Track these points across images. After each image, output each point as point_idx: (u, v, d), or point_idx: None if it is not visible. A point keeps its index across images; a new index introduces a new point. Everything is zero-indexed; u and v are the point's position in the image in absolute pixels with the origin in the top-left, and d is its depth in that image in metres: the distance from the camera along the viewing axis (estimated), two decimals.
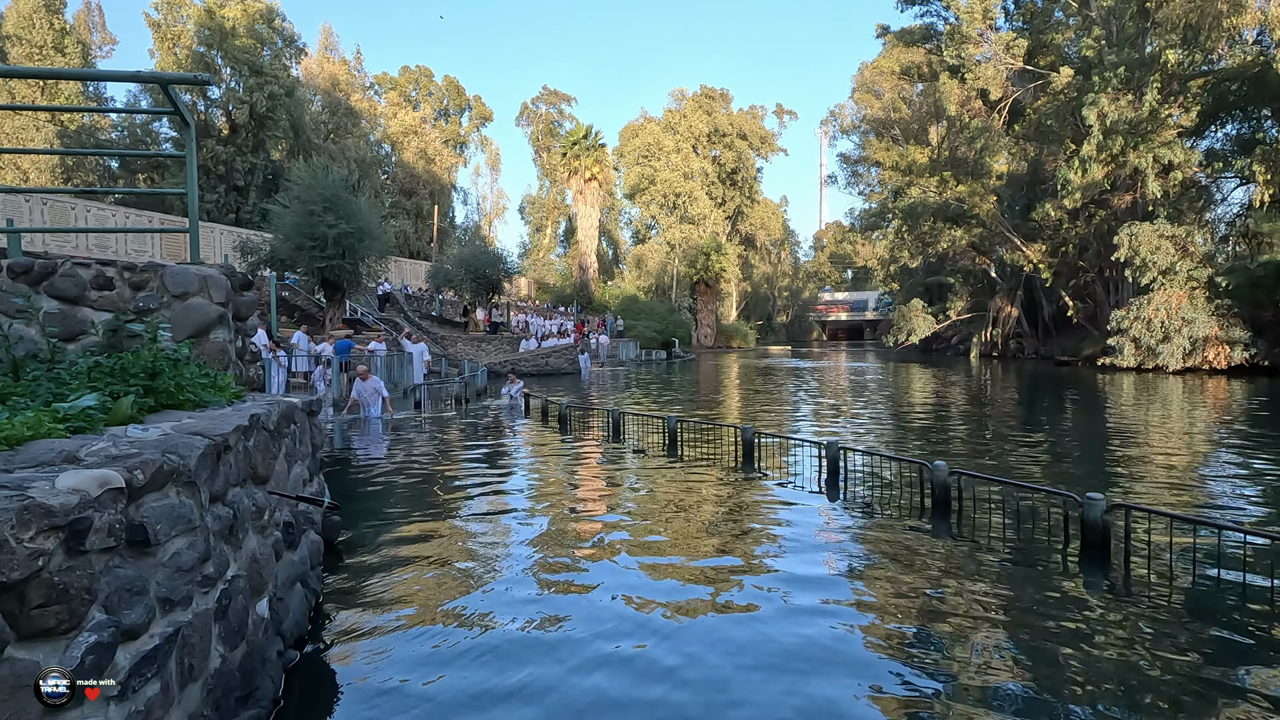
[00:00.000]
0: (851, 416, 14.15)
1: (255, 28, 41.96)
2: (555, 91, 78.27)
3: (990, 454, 9.57)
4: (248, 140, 41.85)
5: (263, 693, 2.89)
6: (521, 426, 12.53)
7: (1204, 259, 28.56)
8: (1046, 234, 36.79)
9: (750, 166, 71.29)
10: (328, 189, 21.03)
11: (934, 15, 42.33)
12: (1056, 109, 33.66)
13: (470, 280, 31.65)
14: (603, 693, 3.17)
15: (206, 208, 38.30)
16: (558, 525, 5.98)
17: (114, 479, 1.95)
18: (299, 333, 17.66)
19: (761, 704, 3.05)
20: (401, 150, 59.76)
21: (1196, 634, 3.79)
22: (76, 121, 38.84)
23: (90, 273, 4.49)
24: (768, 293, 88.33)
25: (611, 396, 18.90)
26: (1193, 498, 7.01)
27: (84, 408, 2.66)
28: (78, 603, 1.77)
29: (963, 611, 4.08)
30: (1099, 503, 4.94)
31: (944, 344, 51.56)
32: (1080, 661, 3.48)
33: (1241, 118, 29.96)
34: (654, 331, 48.02)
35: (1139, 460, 9.05)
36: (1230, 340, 26.10)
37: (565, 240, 76.68)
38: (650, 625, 3.88)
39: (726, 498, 6.93)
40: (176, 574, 2.23)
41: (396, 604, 4.20)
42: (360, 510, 6.50)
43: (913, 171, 41.16)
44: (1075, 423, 13.42)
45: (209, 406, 3.51)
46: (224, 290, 4.81)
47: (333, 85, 54.70)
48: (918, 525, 5.86)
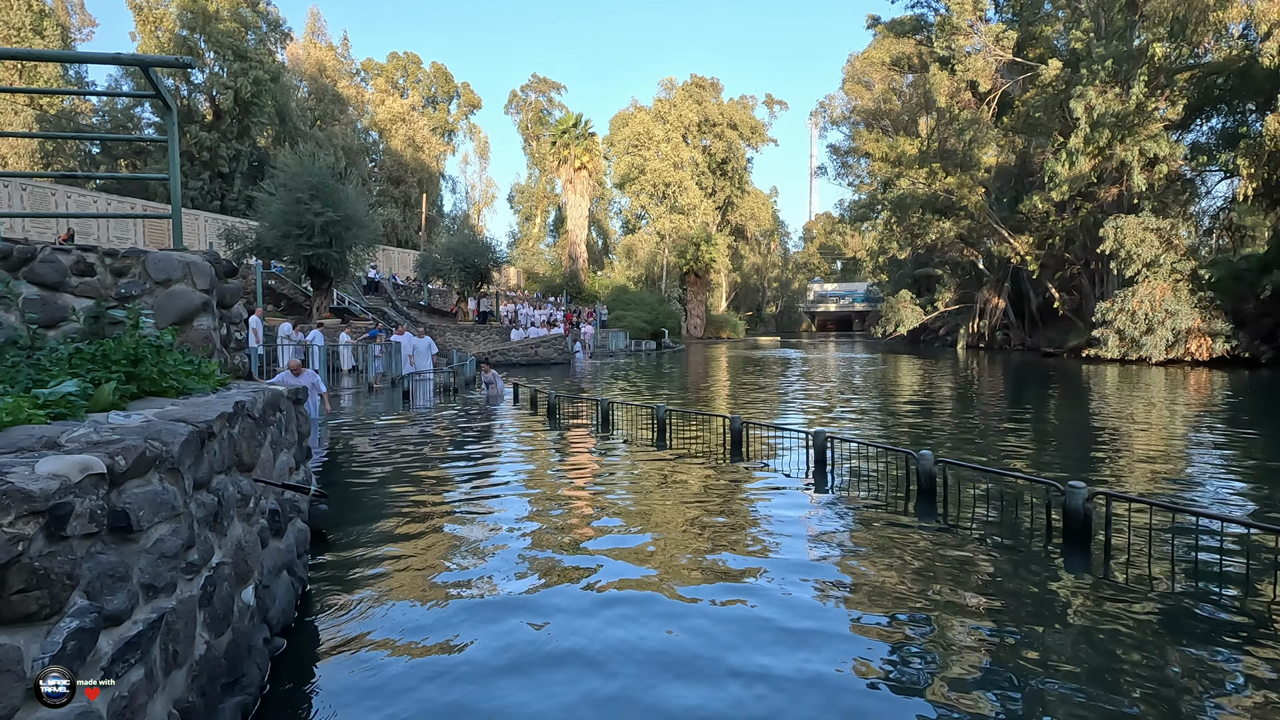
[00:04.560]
0: (840, 405, 14.23)
1: (240, 11, 41.28)
2: (545, 79, 77.68)
3: (976, 443, 9.66)
4: (232, 126, 41.27)
5: (249, 679, 2.88)
6: (507, 418, 12.51)
7: (1188, 252, 28.86)
8: (1034, 226, 37.02)
9: (740, 157, 71.14)
10: (314, 176, 20.79)
11: (924, 6, 42.32)
12: (1045, 101, 33.79)
13: (459, 270, 31.47)
14: (591, 682, 3.19)
15: (190, 194, 37.79)
16: (546, 514, 5.99)
17: (95, 465, 1.94)
18: (285, 324, 17.54)
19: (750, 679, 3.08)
20: (389, 138, 59.15)
21: (1174, 617, 3.86)
22: (56, 105, 38.13)
23: (71, 258, 4.43)
24: (757, 283, 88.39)
25: (601, 387, 18.90)
26: (1173, 485, 7.12)
27: (65, 394, 2.62)
28: (59, 588, 1.76)
29: (946, 597, 4.13)
30: (1081, 490, 5.01)
31: (932, 335, 51.89)
32: (1062, 644, 3.54)
33: (1226, 112, 30.21)
34: (643, 322, 47.96)
35: (1121, 449, 9.17)
36: (1212, 332, 26.44)
37: (555, 230, 76.36)
38: (638, 615, 3.90)
39: (714, 486, 6.97)
40: (160, 560, 2.21)
41: (384, 592, 4.20)
42: (348, 498, 6.48)
43: (902, 163, 41.21)
44: (1059, 413, 13.57)
45: (193, 394, 3.48)
46: (208, 277, 4.76)
47: (319, 71, 53.99)
48: (904, 513, 5.92)
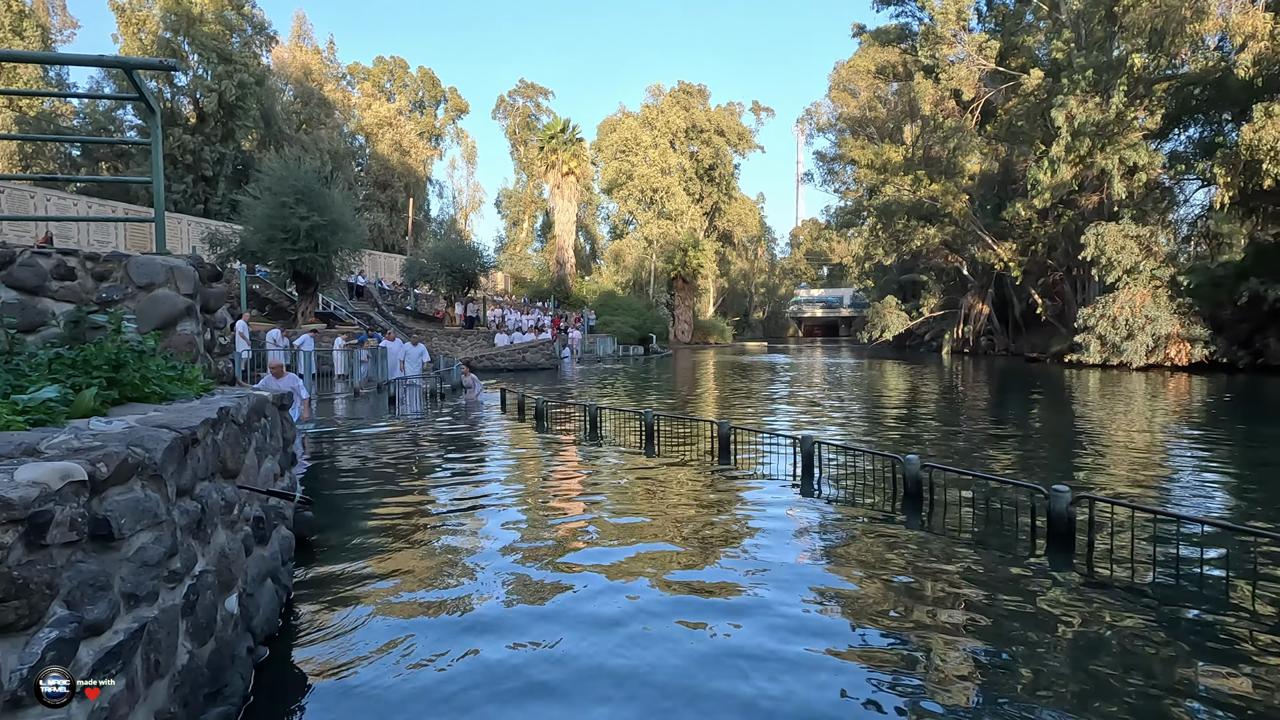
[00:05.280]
0: (827, 411, 14.30)
1: (224, 14, 41.00)
2: (532, 85, 77.72)
3: (961, 447, 9.74)
4: (216, 129, 40.92)
5: (232, 689, 2.84)
6: (495, 424, 12.45)
7: (1167, 259, 29.37)
8: (1017, 233, 37.51)
9: (728, 163, 71.55)
10: (300, 180, 20.65)
11: (909, 15, 42.88)
12: (1027, 110, 34.31)
13: (446, 274, 31.34)
14: (572, 687, 3.17)
15: (174, 198, 37.38)
16: (533, 522, 5.96)
17: (76, 472, 1.90)
18: (274, 330, 17.42)
19: (730, 688, 3.08)
20: (376, 142, 58.90)
21: (1155, 619, 3.91)
22: (36, 107, 37.60)
23: (51, 262, 4.36)
24: (744, 289, 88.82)
25: (589, 392, 18.87)
26: (1154, 489, 7.22)
27: (44, 400, 2.58)
28: (38, 598, 1.72)
29: (932, 599, 4.16)
30: (1065, 494, 5.07)
31: (917, 341, 52.35)
32: (1046, 645, 3.57)
33: (1204, 121, 30.82)
34: (631, 327, 48.00)
35: (1104, 453, 9.29)
36: (1191, 338, 26.88)
37: (542, 235, 76.25)
38: (625, 622, 3.89)
39: (702, 494, 6.97)
40: (142, 569, 2.18)
41: (369, 600, 4.16)
42: (333, 506, 6.41)
43: (887, 170, 41.65)
44: (1043, 418, 13.73)
45: (176, 399, 3.43)
46: (191, 281, 4.70)
47: (305, 75, 53.67)
48: (890, 517, 5.95)
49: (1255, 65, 23.66)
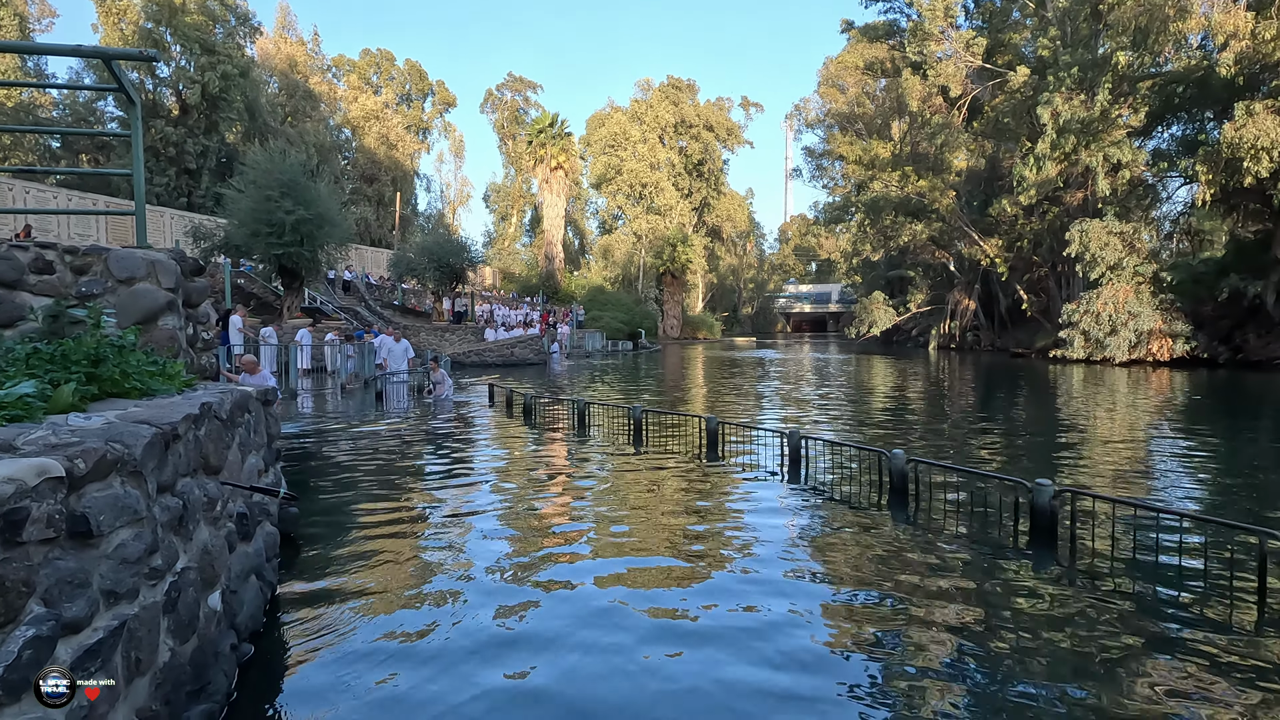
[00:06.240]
0: (815, 406, 14.37)
1: (207, 4, 40.41)
2: (521, 79, 77.25)
3: (946, 442, 9.83)
4: (200, 122, 40.38)
5: (215, 687, 2.82)
6: (483, 418, 12.40)
7: (1149, 255, 29.72)
8: (1003, 229, 37.79)
9: (716, 158, 71.46)
10: (285, 174, 20.43)
11: (897, 12, 43.01)
12: (1013, 107, 34.53)
13: (433, 269, 31.13)
14: (560, 688, 3.18)
15: (156, 191, 36.88)
16: (520, 517, 5.95)
17: (53, 468, 1.88)
18: (267, 328, 17.29)
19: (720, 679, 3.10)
20: (362, 135, 58.35)
21: (1135, 610, 3.96)
22: (14, 98, 36.89)
23: (29, 255, 4.30)
24: (733, 284, 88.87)
25: (577, 387, 18.85)
26: (1135, 482, 7.31)
27: (21, 395, 2.54)
28: (14, 595, 1.70)
29: (917, 592, 4.19)
30: (1047, 488, 5.12)
31: (904, 336, 52.68)
32: (1028, 636, 3.62)
33: (1186, 119, 31.11)
34: (620, 322, 47.95)
35: (1086, 447, 9.40)
36: (1173, 333, 27.24)
37: (531, 230, 75.94)
38: (614, 621, 3.90)
39: (690, 490, 6.99)
40: (121, 566, 2.16)
41: (354, 597, 4.14)
42: (318, 502, 6.37)
43: (875, 166, 41.81)
44: (1027, 412, 13.87)
45: (157, 395, 3.40)
46: (173, 275, 4.65)
47: (290, 67, 53.02)
48: (876, 511, 5.99)
49: (1237, 64, 23.92)
